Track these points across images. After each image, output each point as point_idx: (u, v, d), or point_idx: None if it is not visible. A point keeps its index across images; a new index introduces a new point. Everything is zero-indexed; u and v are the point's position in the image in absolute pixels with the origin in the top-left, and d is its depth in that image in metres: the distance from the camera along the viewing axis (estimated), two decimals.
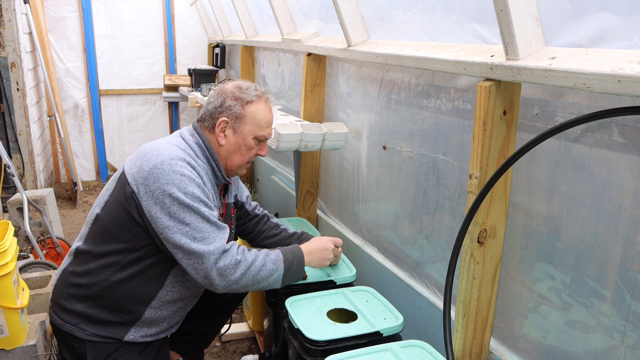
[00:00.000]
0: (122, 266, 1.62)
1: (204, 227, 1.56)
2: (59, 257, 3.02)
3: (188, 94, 4.59)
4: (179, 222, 1.54)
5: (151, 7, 5.21)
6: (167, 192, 1.53)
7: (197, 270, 1.56)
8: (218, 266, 1.56)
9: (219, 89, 1.78)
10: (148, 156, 1.59)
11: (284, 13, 2.91)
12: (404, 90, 1.95)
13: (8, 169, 2.88)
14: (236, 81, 1.80)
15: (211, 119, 1.73)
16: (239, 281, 1.60)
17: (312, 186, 2.74)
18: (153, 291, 1.67)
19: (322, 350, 1.55)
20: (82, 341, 1.64)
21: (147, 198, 1.54)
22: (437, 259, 1.83)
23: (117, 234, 1.61)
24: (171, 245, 1.56)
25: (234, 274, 1.59)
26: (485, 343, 1.54)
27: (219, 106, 1.72)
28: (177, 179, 1.54)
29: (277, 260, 1.68)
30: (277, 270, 1.67)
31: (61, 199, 4.85)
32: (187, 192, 1.55)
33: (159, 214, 1.54)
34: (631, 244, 1.13)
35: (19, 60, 3.73)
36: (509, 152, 1.39)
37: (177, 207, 1.53)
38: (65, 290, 1.68)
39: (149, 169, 1.55)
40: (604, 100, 1.16)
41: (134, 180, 1.58)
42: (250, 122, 1.72)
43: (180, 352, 2.11)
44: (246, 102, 1.72)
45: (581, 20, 1.15)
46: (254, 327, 2.52)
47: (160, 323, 1.74)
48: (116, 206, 1.61)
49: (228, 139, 1.73)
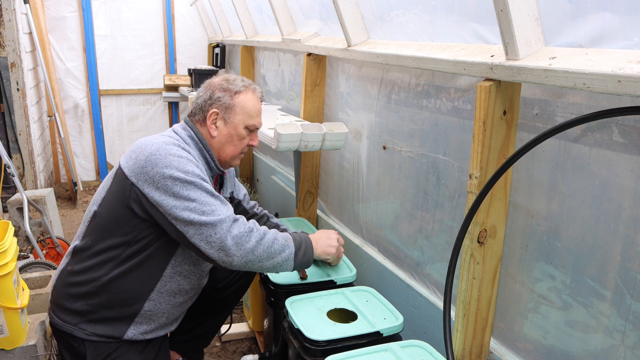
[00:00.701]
0: (120, 260, 1.62)
1: (210, 201, 1.57)
2: (59, 257, 3.02)
3: (188, 94, 4.59)
4: (185, 200, 1.54)
5: (151, 7, 5.21)
6: (167, 174, 1.54)
7: (211, 244, 1.53)
8: (232, 234, 1.55)
9: (207, 83, 1.81)
10: (142, 147, 1.61)
11: (284, 13, 2.91)
12: (404, 90, 1.95)
13: (8, 169, 2.88)
14: (224, 75, 1.83)
15: (201, 112, 1.76)
16: (255, 250, 1.58)
17: (312, 186, 2.74)
18: (152, 283, 1.67)
19: (322, 350, 1.55)
20: (82, 341, 1.64)
21: (148, 185, 1.55)
22: (437, 259, 1.83)
23: (116, 229, 1.62)
24: (181, 224, 1.54)
25: (249, 241, 1.57)
26: (485, 343, 1.54)
27: (208, 99, 1.75)
28: (175, 161, 1.56)
29: (287, 238, 1.70)
30: (289, 247, 1.67)
31: (61, 199, 4.85)
32: (187, 170, 1.57)
33: (163, 197, 1.54)
34: (631, 244, 1.13)
35: (19, 60, 3.73)
36: (509, 152, 1.39)
37: (180, 186, 1.54)
38: (64, 290, 1.68)
39: (145, 157, 1.57)
40: (604, 100, 1.16)
41: (131, 172, 1.58)
42: (240, 111, 1.75)
43: (180, 352, 2.10)
44: (234, 92, 1.75)
45: (581, 20, 1.15)
46: (254, 327, 2.52)
47: (159, 317, 1.73)
48: (114, 202, 1.62)
49: (220, 130, 1.76)
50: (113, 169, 1.72)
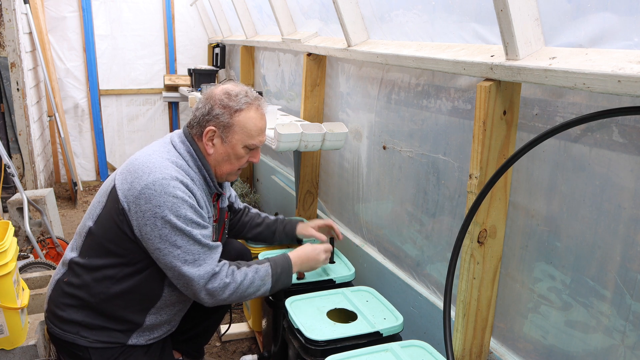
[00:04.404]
0: (118, 279, 1.61)
1: (194, 250, 1.56)
2: (59, 257, 3.02)
3: (188, 94, 4.58)
4: (170, 245, 1.53)
5: (151, 7, 5.20)
6: (159, 214, 1.50)
7: (186, 289, 1.60)
8: (207, 288, 1.59)
9: (208, 94, 1.69)
10: (139, 173, 1.54)
11: (284, 13, 2.91)
12: (404, 90, 1.95)
13: (8, 169, 2.88)
14: (226, 85, 1.70)
15: (199, 126, 1.66)
16: (227, 299, 1.64)
17: (312, 186, 2.74)
18: (152, 300, 1.67)
19: (321, 350, 1.55)
20: (86, 349, 1.62)
21: (138, 218, 1.52)
22: (437, 259, 1.83)
23: (111, 249, 1.59)
24: (162, 265, 1.58)
25: (222, 294, 1.62)
26: (485, 343, 1.54)
27: (207, 114, 1.64)
28: (169, 201, 1.50)
29: (265, 276, 1.70)
30: (265, 285, 1.70)
31: (61, 199, 4.85)
32: (180, 215, 1.52)
33: (149, 235, 1.52)
34: (631, 244, 1.13)
35: (19, 60, 3.73)
36: (509, 152, 1.39)
37: (169, 230, 1.51)
38: (60, 300, 1.64)
39: (140, 188, 1.51)
40: (604, 100, 1.16)
41: (124, 197, 1.54)
42: (239, 131, 1.65)
43: (181, 351, 2.11)
44: (234, 110, 1.63)
45: (581, 20, 1.15)
46: (253, 327, 2.52)
47: (161, 326, 1.74)
48: (108, 220, 1.58)
49: (216, 148, 1.67)
50: (107, 182, 1.65)
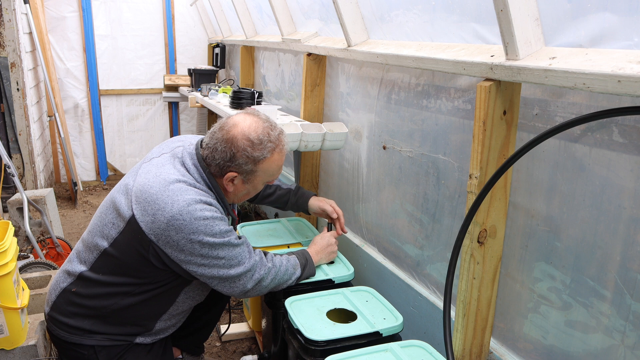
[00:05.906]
0: (133, 294, 1.61)
1: (236, 253, 1.59)
2: (59, 257, 3.02)
3: (188, 94, 4.58)
4: (213, 259, 1.54)
5: (151, 7, 5.20)
6: (195, 240, 1.49)
7: (233, 289, 1.64)
8: (254, 278, 1.65)
9: (229, 139, 1.57)
10: (160, 204, 1.48)
11: (284, 13, 2.91)
12: (404, 90, 1.95)
13: (8, 169, 2.88)
14: (247, 124, 1.59)
15: (219, 168, 1.60)
16: (269, 286, 1.72)
17: (312, 186, 2.74)
18: (164, 308, 1.70)
19: (321, 350, 1.55)
20: (92, 347, 1.63)
21: (171, 248, 1.50)
22: (437, 259, 1.83)
23: (130, 272, 1.58)
24: (206, 278, 1.58)
25: (265, 280, 1.69)
26: (485, 343, 1.54)
27: (228, 160, 1.57)
28: (202, 225, 1.48)
29: (295, 264, 1.81)
30: (295, 274, 1.80)
31: (61, 199, 4.85)
32: (215, 233, 1.51)
33: (190, 258, 1.52)
34: (631, 244, 1.13)
35: (19, 60, 3.73)
36: (509, 152, 1.39)
37: (209, 249, 1.52)
38: (67, 308, 1.63)
39: (166, 220, 1.47)
40: (604, 100, 1.16)
41: (150, 230, 1.49)
42: (262, 175, 1.64)
43: (181, 347, 2.13)
44: (259, 160, 1.59)
45: (581, 20, 1.15)
46: (253, 327, 2.52)
47: (168, 329, 1.79)
48: (128, 247, 1.54)
49: (237, 187, 1.65)
50: (124, 207, 1.54)
